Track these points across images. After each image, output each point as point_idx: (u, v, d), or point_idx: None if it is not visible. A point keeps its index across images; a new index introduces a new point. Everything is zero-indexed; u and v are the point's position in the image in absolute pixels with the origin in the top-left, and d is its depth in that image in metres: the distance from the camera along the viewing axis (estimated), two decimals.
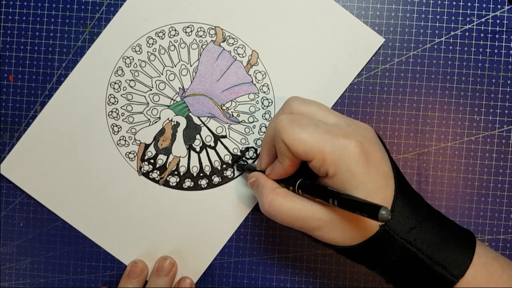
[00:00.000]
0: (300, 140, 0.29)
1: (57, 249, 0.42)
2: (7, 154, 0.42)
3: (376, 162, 0.30)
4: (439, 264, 0.30)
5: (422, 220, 0.30)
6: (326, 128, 0.30)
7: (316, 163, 0.30)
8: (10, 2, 0.41)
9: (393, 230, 0.29)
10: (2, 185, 0.42)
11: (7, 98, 0.42)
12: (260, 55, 0.40)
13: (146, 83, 0.41)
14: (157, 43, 0.40)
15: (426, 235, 0.30)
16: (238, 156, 0.41)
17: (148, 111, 0.41)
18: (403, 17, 0.40)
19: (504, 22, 0.39)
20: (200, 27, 0.40)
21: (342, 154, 0.29)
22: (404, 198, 0.30)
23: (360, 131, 0.31)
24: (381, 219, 0.24)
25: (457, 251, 0.30)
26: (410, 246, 0.29)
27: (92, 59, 0.41)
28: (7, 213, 0.42)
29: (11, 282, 0.43)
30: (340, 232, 0.30)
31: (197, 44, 0.40)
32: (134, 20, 0.40)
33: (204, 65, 0.40)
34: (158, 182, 0.41)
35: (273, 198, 0.32)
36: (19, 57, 0.42)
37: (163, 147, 0.41)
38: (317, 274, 0.41)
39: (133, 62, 0.41)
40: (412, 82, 0.40)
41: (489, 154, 0.40)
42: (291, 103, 0.33)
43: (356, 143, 0.29)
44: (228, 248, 0.41)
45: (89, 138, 0.41)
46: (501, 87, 0.40)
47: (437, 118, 0.40)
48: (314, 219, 0.30)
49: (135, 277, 0.40)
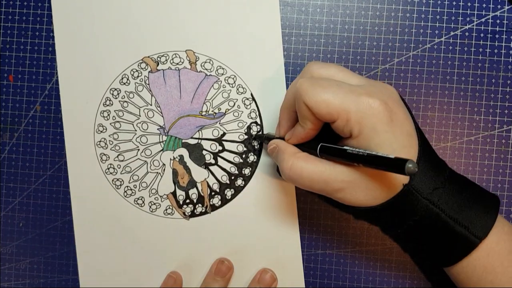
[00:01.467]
0: (323, 100, 0.29)
1: (57, 249, 0.42)
2: (7, 154, 0.42)
3: (400, 121, 0.30)
4: (461, 225, 0.30)
5: (445, 181, 0.30)
6: (349, 88, 0.30)
7: (340, 123, 0.29)
8: (10, 2, 0.41)
9: (416, 190, 0.29)
10: (2, 185, 0.42)
11: (7, 98, 0.42)
12: (196, 50, 0.40)
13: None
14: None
15: (449, 196, 0.30)
16: (249, 135, 0.41)
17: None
18: (403, 17, 0.40)
19: (504, 22, 0.39)
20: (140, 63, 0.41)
21: (367, 112, 0.29)
22: (428, 159, 0.30)
23: (384, 91, 0.31)
24: (408, 172, 0.24)
25: (480, 212, 0.30)
26: (433, 206, 0.29)
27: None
28: (7, 213, 0.42)
29: (11, 282, 0.43)
30: (363, 193, 0.30)
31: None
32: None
33: (159, 95, 0.40)
34: (207, 212, 0.41)
35: (294, 162, 0.31)
36: (19, 57, 0.42)
37: (186, 183, 0.41)
38: (317, 274, 0.41)
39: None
40: (412, 82, 0.40)
41: (489, 154, 0.40)
42: (311, 67, 0.33)
43: (380, 101, 0.29)
44: None
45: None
46: (501, 87, 0.40)
47: (437, 118, 0.40)
48: (336, 181, 0.30)
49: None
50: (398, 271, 0.40)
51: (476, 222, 0.30)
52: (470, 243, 0.30)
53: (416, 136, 0.31)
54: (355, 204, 0.31)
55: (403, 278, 0.40)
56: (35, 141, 0.42)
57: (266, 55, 0.40)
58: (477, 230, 0.30)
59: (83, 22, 0.40)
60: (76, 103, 0.41)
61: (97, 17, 0.40)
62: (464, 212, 0.30)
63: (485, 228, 0.30)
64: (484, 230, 0.30)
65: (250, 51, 0.40)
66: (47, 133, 0.42)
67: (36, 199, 0.42)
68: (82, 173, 0.41)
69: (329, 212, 0.41)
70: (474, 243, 0.30)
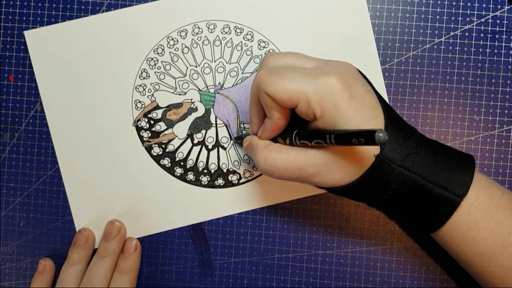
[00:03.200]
0: (282, 87, 0.30)
1: (57, 249, 0.42)
2: (7, 154, 0.42)
3: (360, 95, 0.30)
4: (440, 186, 0.30)
5: (416, 146, 0.31)
6: (305, 71, 0.30)
7: (302, 107, 0.30)
8: (10, 2, 0.42)
9: (389, 159, 0.30)
10: (2, 185, 0.42)
11: (7, 98, 0.42)
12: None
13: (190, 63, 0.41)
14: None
15: (423, 160, 0.30)
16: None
17: (180, 82, 0.41)
18: (403, 17, 0.40)
19: (504, 22, 0.39)
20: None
21: (325, 92, 0.29)
22: (396, 126, 0.31)
23: (341, 68, 0.31)
24: (379, 141, 0.24)
25: (457, 171, 0.31)
26: (409, 172, 0.30)
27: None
28: (7, 213, 0.42)
29: (11, 282, 0.43)
30: (338, 172, 0.30)
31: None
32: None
33: (252, 80, 0.40)
34: (143, 143, 0.41)
35: (267, 154, 0.32)
36: (19, 57, 0.42)
37: (169, 118, 0.41)
38: (317, 274, 0.41)
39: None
40: (412, 82, 0.40)
41: (489, 154, 0.40)
42: (267, 59, 0.34)
43: (337, 79, 0.29)
44: (228, 248, 0.41)
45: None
46: (501, 87, 0.40)
47: (437, 118, 0.40)
48: (310, 165, 0.30)
49: (80, 245, 0.40)
50: (398, 271, 0.40)
51: (454, 182, 0.30)
52: (451, 202, 0.30)
53: (380, 107, 0.31)
54: (332, 185, 0.31)
55: (403, 278, 0.40)
56: (36, 141, 0.42)
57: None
58: (456, 189, 0.30)
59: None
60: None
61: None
62: (440, 174, 0.30)
63: (464, 186, 0.30)
64: (463, 188, 0.30)
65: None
66: (48, 133, 0.42)
67: (36, 199, 0.42)
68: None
69: (329, 212, 0.41)
70: (455, 202, 0.30)
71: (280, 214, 0.41)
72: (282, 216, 0.41)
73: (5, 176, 0.42)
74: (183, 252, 0.42)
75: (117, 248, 0.40)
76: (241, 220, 0.41)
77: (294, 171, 0.31)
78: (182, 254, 0.42)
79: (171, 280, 0.42)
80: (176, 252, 0.42)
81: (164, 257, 0.42)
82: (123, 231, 0.41)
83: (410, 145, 0.30)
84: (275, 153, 0.32)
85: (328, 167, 0.30)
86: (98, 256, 0.40)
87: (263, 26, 0.40)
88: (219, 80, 0.41)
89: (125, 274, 0.40)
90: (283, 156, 0.31)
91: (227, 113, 0.41)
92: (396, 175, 0.30)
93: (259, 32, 0.40)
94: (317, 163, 0.30)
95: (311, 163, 0.30)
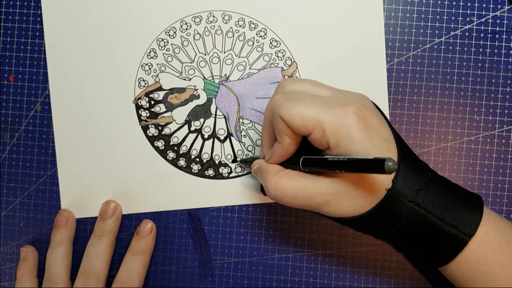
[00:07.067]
0: (297, 113, 0.29)
1: None
2: (7, 154, 0.42)
3: (375, 128, 0.30)
4: (449, 224, 0.30)
5: (428, 182, 0.30)
6: (322, 100, 0.30)
7: (316, 135, 0.30)
8: (10, 2, 0.42)
9: (400, 193, 0.29)
10: (2, 185, 0.42)
11: (7, 98, 0.42)
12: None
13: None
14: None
15: (434, 197, 0.30)
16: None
17: (186, 67, 0.41)
18: (403, 17, 0.40)
19: (504, 22, 0.39)
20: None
21: (341, 123, 0.29)
22: (408, 162, 0.31)
23: (357, 100, 0.31)
24: (388, 170, 0.24)
25: (466, 210, 0.30)
26: (419, 208, 0.30)
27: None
28: (7, 213, 0.42)
29: (11, 282, 0.43)
30: (348, 203, 0.30)
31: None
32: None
33: (258, 77, 0.40)
34: (140, 121, 0.41)
35: (277, 180, 0.32)
36: (19, 57, 0.42)
37: (170, 101, 0.41)
38: (317, 274, 0.41)
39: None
40: (412, 82, 0.40)
41: (489, 154, 0.40)
42: (284, 83, 0.33)
43: (353, 110, 0.29)
44: (228, 248, 0.41)
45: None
46: (501, 87, 0.40)
47: (437, 118, 0.40)
48: (321, 195, 0.30)
49: (61, 225, 0.41)
50: (398, 271, 0.40)
51: (464, 220, 0.30)
52: (460, 241, 0.30)
53: (394, 141, 0.31)
54: (342, 215, 0.31)
55: (403, 278, 0.40)
56: (36, 141, 0.42)
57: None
58: (465, 227, 0.30)
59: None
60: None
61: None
62: (450, 211, 0.30)
63: (473, 224, 0.30)
64: (472, 227, 0.30)
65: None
66: (48, 133, 0.42)
67: (36, 199, 0.42)
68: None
69: None
70: (463, 240, 0.30)
71: (280, 214, 0.41)
72: (282, 216, 0.41)
73: (5, 176, 0.42)
74: (183, 252, 0.42)
75: (113, 227, 0.40)
76: (241, 220, 0.41)
77: (304, 199, 0.31)
78: (182, 254, 0.42)
79: (171, 280, 0.42)
80: (176, 252, 0.42)
81: (164, 257, 0.42)
82: (119, 211, 0.41)
83: (422, 181, 0.30)
84: (285, 179, 0.31)
85: (338, 197, 0.30)
86: (95, 236, 0.40)
87: (278, 26, 0.40)
88: (226, 71, 0.41)
89: (137, 255, 0.40)
90: (293, 184, 0.31)
91: (229, 105, 0.41)
92: (407, 210, 0.30)
93: (272, 31, 0.40)
94: (327, 192, 0.30)
95: (321, 192, 0.30)
